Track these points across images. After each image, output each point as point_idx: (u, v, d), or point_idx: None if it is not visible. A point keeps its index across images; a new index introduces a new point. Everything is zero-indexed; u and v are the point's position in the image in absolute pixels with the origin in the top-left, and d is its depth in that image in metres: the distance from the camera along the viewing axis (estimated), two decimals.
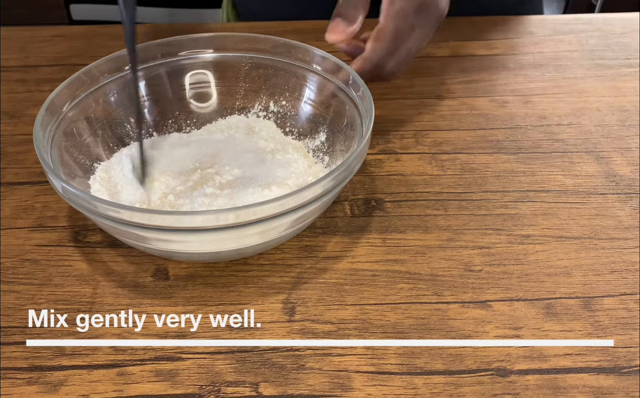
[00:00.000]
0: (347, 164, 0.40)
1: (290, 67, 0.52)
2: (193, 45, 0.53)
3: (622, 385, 0.37)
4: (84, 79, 0.49)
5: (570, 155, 0.53)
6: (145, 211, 0.38)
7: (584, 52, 0.67)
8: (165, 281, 0.43)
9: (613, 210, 0.48)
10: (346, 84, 0.48)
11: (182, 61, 0.53)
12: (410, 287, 0.42)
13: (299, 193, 0.38)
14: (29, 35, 0.70)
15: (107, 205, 0.37)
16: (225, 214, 0.37)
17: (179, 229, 0.37)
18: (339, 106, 0.49)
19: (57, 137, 0.45)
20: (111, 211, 0.37)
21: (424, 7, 0.49)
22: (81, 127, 0.48)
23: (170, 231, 0.37)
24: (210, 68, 0.54)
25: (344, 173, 0.40)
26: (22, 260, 0.44)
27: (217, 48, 0.53)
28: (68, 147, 0.46)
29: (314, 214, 0.42)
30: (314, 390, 0.37)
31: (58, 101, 0.46)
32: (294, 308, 0.41)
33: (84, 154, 0.47)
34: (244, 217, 0.37)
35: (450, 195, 0.49)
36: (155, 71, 0.53)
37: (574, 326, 0.40)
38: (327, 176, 0.39)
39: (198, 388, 0.37)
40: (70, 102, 0.47)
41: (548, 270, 0.43)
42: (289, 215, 0.38)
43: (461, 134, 0.55)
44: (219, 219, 0.37)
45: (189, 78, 0.54)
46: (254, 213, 0.37)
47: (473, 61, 0.65)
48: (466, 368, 0.38)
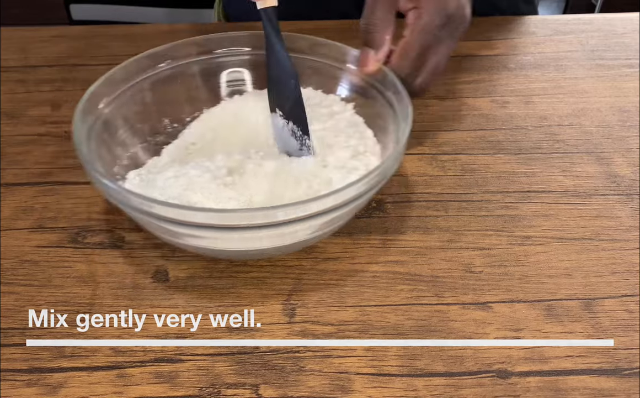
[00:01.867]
0: (385, 164, 0.40)
1: (326, 67, 0.52)
2: (230, 43, 0.54)
3: (622, 386, 0.37)
4: (121, 75, 0.49)
5: (571, 156, 0.53)
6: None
7: (585, 53, 0.66)
8: (165, 283, 0.43)
9: (614, 211, 0.48)
10: (382, 84, 0.48)
11: (218, 59, 0.54)
12: (411, 288, 0.42)
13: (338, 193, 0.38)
14: (29, 35, 0.70)
15: (164, 205, 0.38)
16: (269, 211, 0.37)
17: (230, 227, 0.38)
18: (375, 106, 0.49)
19: (95, 131, 0.46)
20: (158, 208, 0.38)
21: (451, 21, 0.48)
22: (117, 123, 0.48)
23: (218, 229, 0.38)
24: (247, 66, 0.54)
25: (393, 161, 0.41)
26: (21, 261, 0.44)
27: (254, 46, 0.53)
28: (105, 141, 0.47)
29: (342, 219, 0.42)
30: (314, 391, 0.37)
31: (94, 97, 0.47)
32: (294, 309, 0.41)
33: (120, 149, 0.48)
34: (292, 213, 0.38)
35: (450, 196, 0.49)
36: (190, 69, 0.53)
37: (574, 328, 0.40)
38: (375, 169, 0.40)
39: (198, 390, 0.37)
40: (108, 98, 0.48)
41: (549, 271, 0.43)
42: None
43: (462, 135, 0.55)
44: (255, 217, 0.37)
45: (225, 76, 0.54)
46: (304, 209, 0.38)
47: (473, 61, 0.65)
48: (467, 370, 0.37)
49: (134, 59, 0.50)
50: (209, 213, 0.38)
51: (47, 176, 0.52)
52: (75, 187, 0.50)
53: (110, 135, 0.47)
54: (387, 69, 0.48)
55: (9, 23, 0.77)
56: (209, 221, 0.38)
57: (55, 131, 0.56)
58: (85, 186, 0.50)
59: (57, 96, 0.61)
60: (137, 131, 0.50)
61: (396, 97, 0.47)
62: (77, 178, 0.51)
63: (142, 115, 0.51)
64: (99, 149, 0.45)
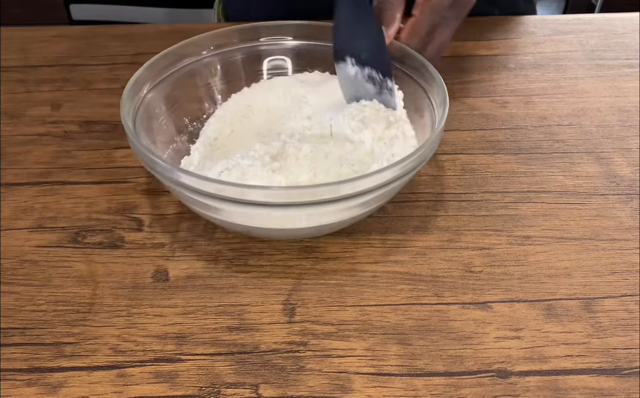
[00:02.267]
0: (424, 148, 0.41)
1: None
2: (273, 32, 0.55)
3: (622, 386, 0.37)
4: (164, 62, 0.50)
5: (571, 156, 0.53)
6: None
7: (585, 53, 0.66)
8: (165, 282, 0.43)
9: (614, 211, 0.48)
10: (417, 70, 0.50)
11: (261, 47, 0.55)
12: (411, 288, 0.42)
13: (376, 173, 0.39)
14: (29, 35, 0.70)
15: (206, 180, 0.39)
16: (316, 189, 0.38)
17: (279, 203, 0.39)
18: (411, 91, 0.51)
19: (139, 116, 0.47)
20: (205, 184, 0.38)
21: (458, 2, 0.51)
22: (159, 108, 0.50)
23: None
24: (289, 55, 0.56)
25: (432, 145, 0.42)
26: (21, 261, 0.44)
27: (296, 36, 0.55)
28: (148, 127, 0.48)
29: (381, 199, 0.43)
30: (314, 391, 0.37)
31: (139, 82, 0.48)
32: (294, 309, 0.41)
33: (163, 132, 0.49)
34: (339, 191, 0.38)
35: (450, 196, 0.49)
36: (233, 56, 0.54)
37: (574, 328, 0.40)
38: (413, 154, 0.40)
39: (198, 390, 0.37)
40: (151, 83, 0.49)
41: (548, 271, 0.43)
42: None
43: (461, 135, 0.55)
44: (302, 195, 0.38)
45: (266, 64, 0.56)
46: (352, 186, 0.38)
47: (473, 61, 0.65)
48: (466, 370, 0.37)
49: (178, 45, 0.52)
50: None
51: (47, 176, 0.52)
52: (75, 187, 0.50)
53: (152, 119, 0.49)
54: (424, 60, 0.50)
55: (9, 23, 0.77)
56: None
57: (55, 131, 0.56)
58: (85, 186, 0.50)
59: (57, 96, 0.61)
60: (166, 132, 0.51)
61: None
62: (77, 178, 0.51)
63: (186, 99, 0.53)
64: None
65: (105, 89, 0.62)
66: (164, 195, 0.50)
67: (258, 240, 0.46)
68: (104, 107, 0.59)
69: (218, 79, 0.54)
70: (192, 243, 0.46)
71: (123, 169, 0.52)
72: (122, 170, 0.52)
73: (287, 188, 0.41)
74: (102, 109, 0.59)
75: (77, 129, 0.57)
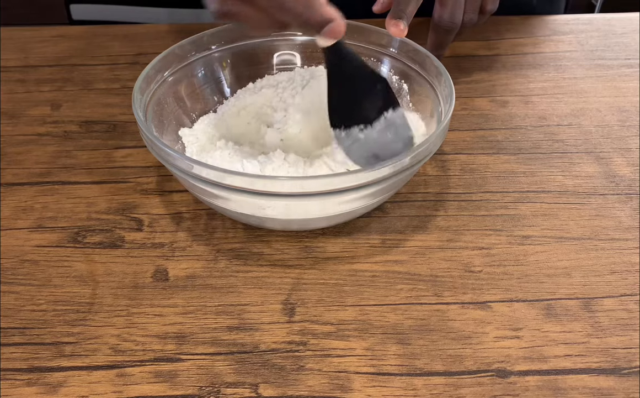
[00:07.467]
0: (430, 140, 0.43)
1: (371, 52, 0.55)
2: None
3: (622, 386, 0.37)
4: (176, 54, 0.51)
5: (570, 156, 0.53)
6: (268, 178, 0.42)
7: (584, 53, 0.66)
8: (164, 282, 0.43)
9: (613, 211, 0.48)
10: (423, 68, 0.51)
11: (272, 42, 0.56)
12: (410, 288, 0.42)
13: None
14: (29, 35, 0.70)
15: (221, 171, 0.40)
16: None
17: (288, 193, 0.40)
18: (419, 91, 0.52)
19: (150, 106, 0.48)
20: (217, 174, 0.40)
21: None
22: (170, 100, 0.51)
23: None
24: (297, 50, 0.56)
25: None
26: (21, 261, 0.44)
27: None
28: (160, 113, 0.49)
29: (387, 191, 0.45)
30: (313, 391, 0.37)
31: (150, 74, 0.49)
32: (293, 308, 0.41)
33: (173, 122, 0.50)
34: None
35: (450, 196, 0.49)
36: (241, 49, 0.55)
37: (573, 327, 0.40)
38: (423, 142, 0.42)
39: (197, 389, 0.37)
40: (162, 75, 0.50)
41: (548, 270, 0.43)
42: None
43: (461, 135, 0.55)
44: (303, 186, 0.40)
45: (276, 58, 0.56)
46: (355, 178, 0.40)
47: (473, 61, 0.65)
48: (466, 369, 0.37)
49: (186, 41, 0.53)
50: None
51: (47, 176, 0.52)
52: (75, 187, 0.50)
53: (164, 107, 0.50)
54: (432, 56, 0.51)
55: (9, 23, 0.77)
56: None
57: (55, 131, 0.56)
58: (85, 186, 0.50)
59: (57, 96, 0.61)
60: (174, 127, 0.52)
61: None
62: (77, 178, 0.51)
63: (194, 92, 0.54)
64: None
65: (105, 89, 0.62)
66: (164, 195, 0.50)
67: (258, 240, 0.46)
68: (104, 107, 0.59)
69: (228, 72, 0.55)
70: (192, 243, 0.46)
71: (123, 169, 0.52)
72: (122, 170, 0.52)
73: (302, 179, 0.42)
74: (102, 109, 0.59)
75: (77, 129, 0.57)
